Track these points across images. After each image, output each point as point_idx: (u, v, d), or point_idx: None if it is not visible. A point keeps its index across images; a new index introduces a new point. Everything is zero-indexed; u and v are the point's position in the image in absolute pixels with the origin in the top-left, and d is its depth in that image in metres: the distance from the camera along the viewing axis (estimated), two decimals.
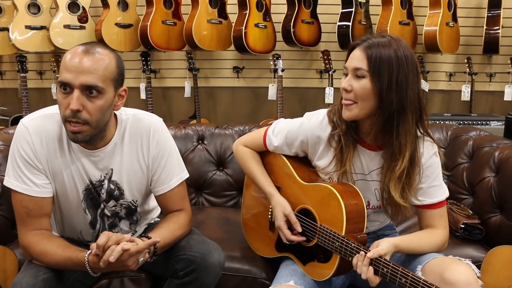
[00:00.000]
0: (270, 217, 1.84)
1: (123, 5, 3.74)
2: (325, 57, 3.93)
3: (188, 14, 3.83)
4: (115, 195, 1.68)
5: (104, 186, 1.65)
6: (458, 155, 2.41)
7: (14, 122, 3.82)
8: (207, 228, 2.15)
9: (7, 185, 1.55)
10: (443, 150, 2.46)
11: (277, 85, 3.87)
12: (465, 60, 4.15)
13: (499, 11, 4.00)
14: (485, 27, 4.02)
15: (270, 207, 1.83)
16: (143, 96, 3.93)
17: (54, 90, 3.90)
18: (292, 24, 3.88)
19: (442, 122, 3.50)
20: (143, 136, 1.66)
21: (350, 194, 1.57)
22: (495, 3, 4.01)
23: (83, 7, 3.68)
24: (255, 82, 4.32)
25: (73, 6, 3.65)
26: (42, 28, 3.61)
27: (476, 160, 2.31)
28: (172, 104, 4.37)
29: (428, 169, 1.59)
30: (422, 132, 1.57)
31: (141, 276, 1.80)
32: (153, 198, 1.84)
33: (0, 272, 1.78)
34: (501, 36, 3.99)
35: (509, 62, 4.09)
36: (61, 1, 3.60)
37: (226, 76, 4.31)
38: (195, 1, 3.78)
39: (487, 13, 4.04)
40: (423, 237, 1.59)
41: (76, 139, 1.49)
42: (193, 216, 1.80)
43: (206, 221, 2.26)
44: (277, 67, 3.86)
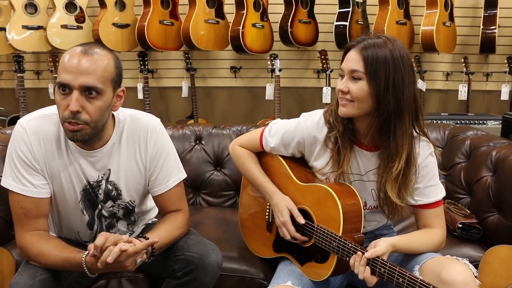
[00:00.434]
0: (267, 218, 1.84)
1: (120, 5, 3.74)
2: (322, 57, 3.93)
3: (185, 14, 3.82)
4: (112, 196, 1.68)
5: (102, 187, 1.65)
6: (455, 155, 2.40)
7: (11, 122, 3.81)
8: (205, 229, 2.15)
9: (5, 185, 1.55)
10: (440, 149, 2.46)
11: (275, 85, 3.87)
12: (462, 60, 4.16)
13: (496, 11, 4.01)
14: (481, 27, 4.03)
15: (267, 207, 1.83)
16: (140, 96, 3.92)
17: (51, 90, 3.89)
18: (289, 24, 3.88)
19: (439, 122, 3.51)
20: (141, 136, 1.66)
21: (347, 194, 1.57)
22: (491, 3, 4.02)
23: (80, 7, 3.67)
24: (253, 82, 4.32)
25: (70, 6, 3.65)
26: (39, 28, 3.60)
27: (474, 160, 2.31)
28: (169, 104, 4.37)
29: (424, 169, 1.60)
30: (418, 132, 1.57)
31: (139, 277, 1.80)
32: (150, 198, 1.83)
33: None
34: (498, 36, 4.00)
35: (506, 61, 4.10)
36: (58, 1, 3.59)
37: (224, 76, 4.30)
38: (192, 1, 3.78)
39: (484, 13, 4.04)
40: (421, 236, 1.59)
41: (75, 137, 1.48)
42: (191, 217, 1.80)
43: (203, 222, 2.26)
44: (274, 67, 3.87)
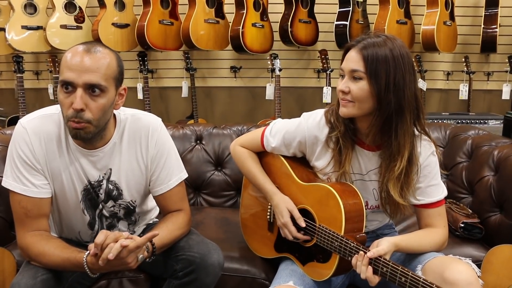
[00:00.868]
0: (268, 218, 1.83)
1: (120, 5, 3.73)
2: (322, 56, 3.93)
3: (185, 14, 3.82)
4: (113, 195, 1.67)
5: (103, 186, 1.64)
6: (457, 154, 2.40)
7: (11, 122, 3.80)
8: (206, 228, 2.15)
9: (5, 185, 1.55)
10: (442, 149, 2.45)
11: (275, 84, 3.87)
12: (463, 59, 4.16)
13: (497, 10, 4.01)
14: (482, 26, 4.03)
15: (268, 207, 1.82)
16: (140, 96, 3.91)
17: (50, 91, 3.88)
18: (289, 23, 3.87)
19: (440, 121, 3.50)
20: (142, 136, 1.66)
21: (348, 193, 1.57)
22: (492, 2, 4.02)
23: (79, 7, 3.66)
24: (253, 81, 4.32)
25: (69, 6, 3.64)
26: (38, 28, 3.59)
27: (475, 159, 2.31)
28: (169, 104, 4.36)
29: (426, 169, 1.59)
30: (420, 130, 1.57)
31: (140, 277, 1.80)
32: (151, 198, 1.83)
33: None
34: (499, 35, 3.99)
35: (507, 60, 4.09)
36: (58, 1, 3.58)
37: (224, 76, 4.30)
38: (192, 1, 3.77)
39: (485, 12, 4.04)
40: (423, 236, 1.59)
41: (79, 135, 1.47)
42: (192, 217, 1.79)
43: (204, 221, 2.26)
44: (274, 66, 3.86)
